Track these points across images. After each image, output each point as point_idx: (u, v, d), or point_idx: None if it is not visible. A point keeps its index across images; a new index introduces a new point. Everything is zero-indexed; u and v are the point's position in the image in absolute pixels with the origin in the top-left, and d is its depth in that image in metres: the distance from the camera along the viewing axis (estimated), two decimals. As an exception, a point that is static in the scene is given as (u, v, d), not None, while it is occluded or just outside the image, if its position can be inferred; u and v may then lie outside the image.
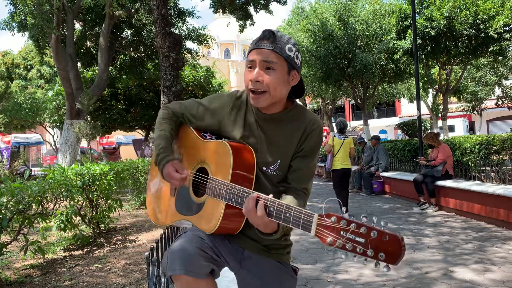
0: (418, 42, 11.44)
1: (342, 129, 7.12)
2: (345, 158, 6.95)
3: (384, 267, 1.09)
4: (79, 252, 4.77)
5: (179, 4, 15.60)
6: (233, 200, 1.41)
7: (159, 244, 2.81)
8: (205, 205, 1.52)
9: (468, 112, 24.13)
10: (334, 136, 7.07)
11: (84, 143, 15.82)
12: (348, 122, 36.30)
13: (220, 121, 1.60)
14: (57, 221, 4.69)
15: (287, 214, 1.27)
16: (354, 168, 10.47)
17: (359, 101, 17.57)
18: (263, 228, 1.36)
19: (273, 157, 1.52)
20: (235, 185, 1.42)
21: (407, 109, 33.43)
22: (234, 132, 1.57)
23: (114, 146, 25.75)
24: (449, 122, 21.46)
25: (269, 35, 1.44)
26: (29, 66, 30.87)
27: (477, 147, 7.20)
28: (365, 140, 11.48)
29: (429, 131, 11.57)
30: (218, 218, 1.45)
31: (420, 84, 13.67)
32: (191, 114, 1.65)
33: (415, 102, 11.24)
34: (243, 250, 1.56)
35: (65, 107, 13.37)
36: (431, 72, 17.78)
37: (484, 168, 6.97)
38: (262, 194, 1.35)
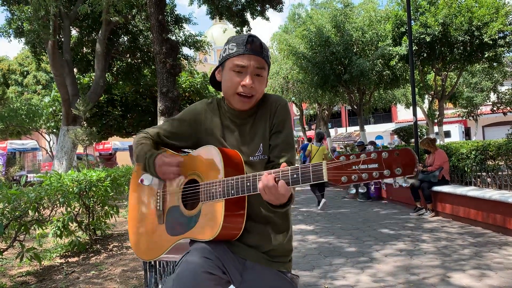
0: (414, 48, 11.52)
1: (320, 139, 8.96)
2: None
3: (403, 182, 1.13)
4: (76, 258, 4.74)
5: (176, 10, 15.67)
6: (232, 192, 1.40)
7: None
8: (202, 213, 1.48)
9: (464, 118, 24.27)
10: (312, 143, 8.95)
11: (80, 149, 15.76)
12: (344, 128, 36.67)
13: (199, 128, 1.64)
14: (53, 228, 4.68)
15: (294, 175, 1.29)
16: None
17: (355, 107, 17.64)
18: (277, 199, 1.32)
19: (255, 144, 1.59)
20: (230, 177, 1.42)
21: (403, 115, 33.59)
22: (215, 132, 1.62)
23: (110, 152, 25.65)
24: (445, 127, 21.56)
25: (258, 42, 1.53)
26: (25, 72, 30.76)
27: (473, 152, 7.23)
28: (364, 144, 11.49)
29: (425, 137, 11.61)
30: (219, 221, 1.40)
31: (416, 90, 13.76)
32: (169, 131, 1.67)
33: (411, 108, 11.30)
34: (244, 261, 1.53)
35: (61, 113, 13.33)
36: (427, 78, 17.89)
37: (480, 173, 6.99)
38: (263, 171, 1.36)
